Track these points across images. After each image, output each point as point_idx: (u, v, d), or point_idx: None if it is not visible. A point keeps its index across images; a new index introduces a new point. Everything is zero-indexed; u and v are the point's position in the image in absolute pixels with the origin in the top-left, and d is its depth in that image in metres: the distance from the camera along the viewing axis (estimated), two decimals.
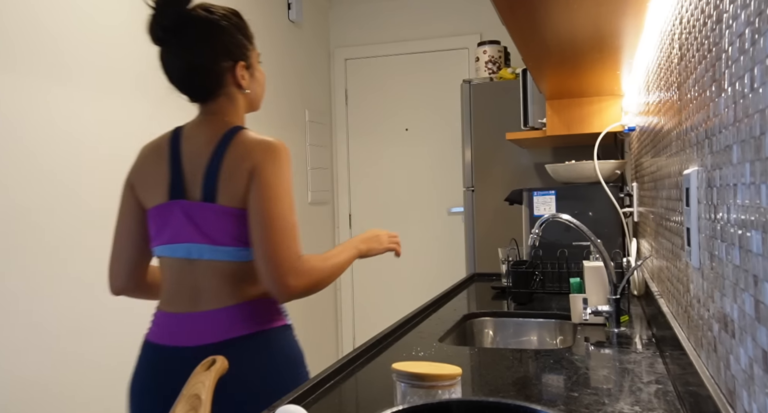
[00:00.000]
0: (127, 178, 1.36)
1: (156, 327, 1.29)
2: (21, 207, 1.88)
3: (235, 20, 1.33)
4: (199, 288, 1.26)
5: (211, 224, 1.23)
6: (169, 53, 1.32)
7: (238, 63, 1.33)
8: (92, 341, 2.13)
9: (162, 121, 2.52)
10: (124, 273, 1.36)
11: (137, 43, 2.39)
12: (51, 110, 2.00)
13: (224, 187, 1.23)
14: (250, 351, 1.23)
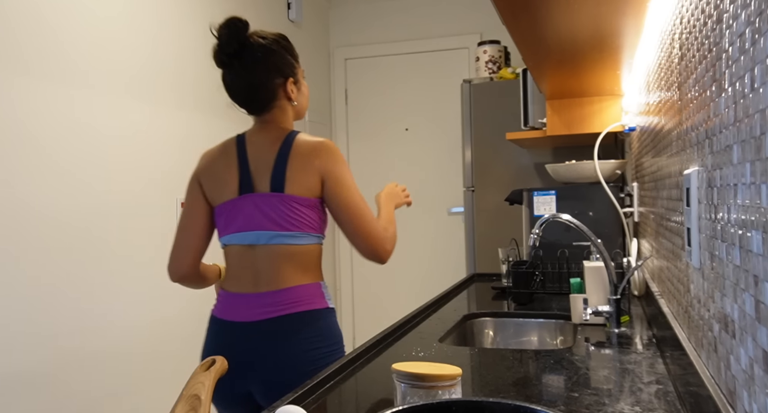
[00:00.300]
0: (193, 178, 1.59)
1: (220, 305, 1.52)
2: (29, 206, 1.88)
3: (284, 43, 1.57)
4: (258, 272, 1.49)
5: (278, 211, 1.47)
6: (231, 75, 1.53)
7: (288, 79, 1.56)
8: (92, 341, 2.13)
9: (160, 120, 2.52)
10: (186, 261, 1.56)
11: (146, 45, 2.39)
12: (61, 111, 2.00)
13: (291, 179, 1.47)
14: (297, 328, 1.45)
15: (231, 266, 1.53)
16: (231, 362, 1.45)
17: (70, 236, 2.06)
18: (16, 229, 1.87)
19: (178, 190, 2.59)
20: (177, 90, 2.62)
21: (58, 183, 2.02)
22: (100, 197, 2.19)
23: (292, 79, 1.57)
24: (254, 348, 1.44)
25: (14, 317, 1.85)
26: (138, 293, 2.35)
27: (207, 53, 2.84)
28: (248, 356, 1.45)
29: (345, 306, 4.28)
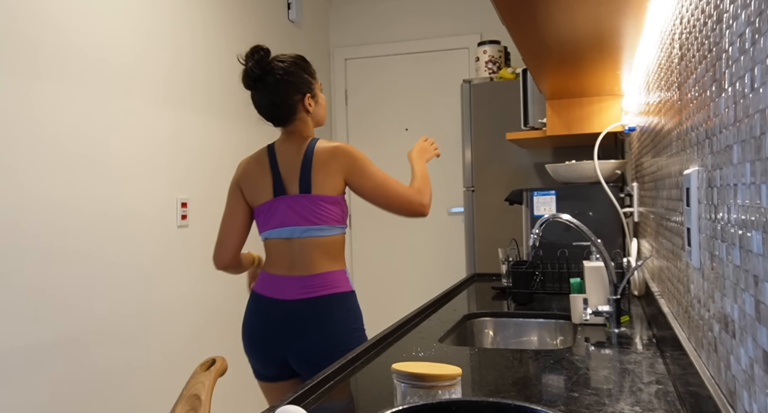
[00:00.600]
0: (234, 184, 1.86)
1: (261, 283, 1.81)
2: (28, 205, 1.89)
3: (301, 63, 1.85)
4: (293, 260, 1.78)
5: (308, 209, 1.76)
6: (257, 95, 1.81)
7: (306, 95, 1.82)
8: (92, 340, 2.13)
9: (160, 120, 2.52)
10: (229, 253, 1.86)
11: (146, 46, 2.39)
12: (61, 111, 2.00)
13: (316, 181, 1.76)
14: (329, 308, 1.73)
15: (270, 254, 1.82)
16: (268, 331, 1.75)
17: (70, 235, 2.06)
18: (16, 229, 1.87)
19: (178, 189, 2.60)
20: (178, 90, 2.62)
21: (58, 182, 2.02)
22: (100, 196, 2.18)
23: (309, 94, 1.82)
24: (291, 322, 1.73)
25: (14, 317, 1.85)
26: (138, 292, 2.35)
27: (207, 54, 2.84)
28: (285, 328, 1.74)
29: None
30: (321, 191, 1.76)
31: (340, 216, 1.81)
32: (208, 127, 2.83)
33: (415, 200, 1.79)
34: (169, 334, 2.51)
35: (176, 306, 2.56)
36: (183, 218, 2.61)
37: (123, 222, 2.29)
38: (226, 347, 2.90)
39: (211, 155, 2.85)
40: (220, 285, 2.88)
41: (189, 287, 2.65)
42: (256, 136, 3.26)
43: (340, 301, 1.74)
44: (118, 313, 2.25)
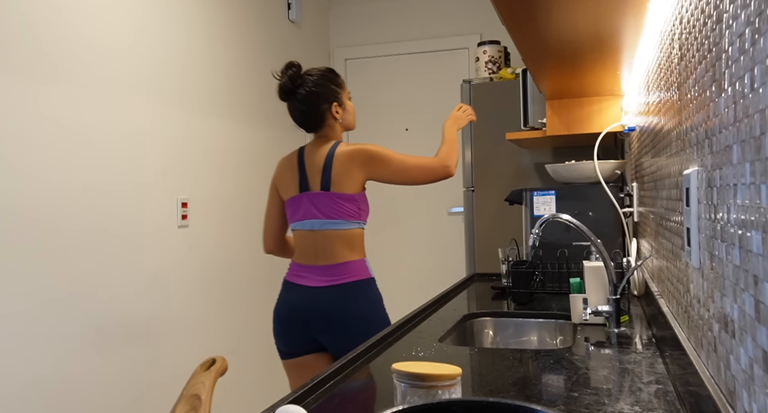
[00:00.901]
0: (272, 180, 2.13)
1: (291, 272, 2.05)
2: (28, 205, 1.89)
3: (329, 75, 2.04)
4: (317, 250, 1.99)
5: (326, 205, 1.98)
6: (290, 106, 2.04)
7: (333, 104, 2.03)
8: (92, 340, 2.13)
9: (160, 120, 2.52)
10: (272, 239, 2.16)
11: (147, 45, 2.39)
12: (61, 111, 2.00)
13: (335, 181, 1.97)
14: (352, 294, 1.95)
15: (297, 244, 2.05)
16: (295, 315, 1.98)
17: (70, 235, 2.06)
18: (15, 228, 1.87)
19: (178, 189, 2.60)
20: (178, 90, 2.62)
21: (58, 182, 2.02)
22: (100, 196, 2.19)
23: (337, 103, 2.04)
24: (316, 307, 1.94)
25: (13, 317, 1.85)
26: (138, 292, 2.35)
27: (207, 54, 2.84)
28: (311, 312, 1.95)
29: None
30: (339, 189, 1.97)
31: (356, 212, 2.00)
32: (208, 127, 2.83)
33: (436, 166, 1.99)
34: (169, 334, 2.51)
35: (176, 305, 2.56)
36: (183, 218, 2.61)
37: (123, 221, 2.29)
38: (226, 347, 2.90)
39: (212, 155, 2.85)
40: (220, 285, 2.88)
41: (189, 287, 2.65)
42: (257, 135, 3.26)
43: (359, 287, 1.97)
44: (118, 313, 2.25)
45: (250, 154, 3.19)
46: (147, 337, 2.38)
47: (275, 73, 2.06)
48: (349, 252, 1.98)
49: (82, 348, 2.08)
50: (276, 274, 3.40)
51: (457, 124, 2.17)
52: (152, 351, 2.41)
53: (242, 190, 3.10)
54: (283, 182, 2.07)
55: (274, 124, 3.45)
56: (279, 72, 2.02)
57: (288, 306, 1.99)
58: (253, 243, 3.19)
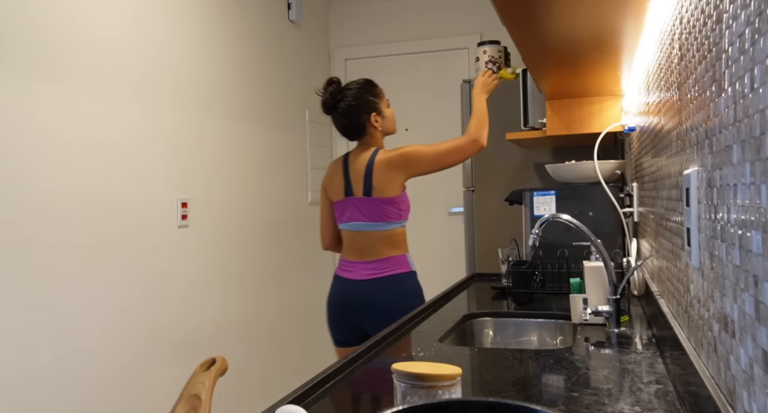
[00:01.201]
0: (323, 183, 2.35)
1: (340, 267, 2.28)
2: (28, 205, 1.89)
3: (367, 87, 2.24)
4: (363, 247, 2.23)
5: (368, 209, 2.20)
6: (334, 119, 2.26)
7: (372, 114, 2.23)
8: (92, 341, 2.13)
9: (160, 120, 2.52)
10: (328, 237, 2.39)
11: (146, 46, 2.39)
12: (47, 109, 2.00)
13: (376, 186, 2.18)
14: (393, 286, 2.18)
15: (345, 242, 2.29)
16: (343, 306, 2.23)
17: (70, 235, 2.06)
18: (15, 228, 1.87)
19: (178, 189, 2.60)
20: (178, 90, 2.62)
21: (58, 182, 2.02)
22: (100, 196, 2.19)
23: (375, 112, 2.23)
24: (364, 298, 2.18)
25: (13, 318, 1.85)
26: (137, 292, 2.35)
27: (207, 54, 2.84)
28: (360, 303, 2.19)
29: None
30: (380, 194, 2.18)
31: (395, 214, 2.21)
32: (208, 127, 2.83)
33: (466, 143, 2.17)
34: (169, 334, 2.51)
35: (176, 305, 2.56)
36: (183, 218, 2.61)
37: (123, 222, 2.29)
38: (226, 347, 2.90)
39: (212, 155, 2.85)
40: (220, 284, 2.88)
41: (189, 287, 2.65)
42: (257, 135, 3.26)
43: (402, 280, 2.19)
44: (118, 313, 2.25)
45: (250, 154, 3.19)
46: (147, 337, 2.38)
47: (318, 90, 2.25)
48: (390, 249, 2.21)
49: (82, 348, 2.08)
50: (276, 274, 3.40)
51: (485, 91, 2.29)
52: (151, 350, 2.41)
53: (242, 190, 3.10)
54: (330, 185, 2.31)
55: (274, 124, 3.45)
56: (321, 89, 2.23)
57: (337, 298, 2.24)
58: (253, 243, 3.19)
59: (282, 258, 3.48)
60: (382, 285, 2.16)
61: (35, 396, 1.91)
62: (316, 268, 3.95)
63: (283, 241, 3.50)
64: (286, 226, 3.54)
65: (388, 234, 2.20)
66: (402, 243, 2.23)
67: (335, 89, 2.22)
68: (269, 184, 3.36)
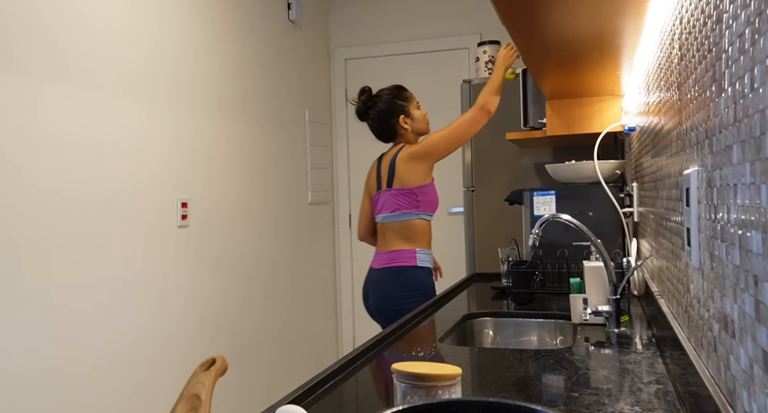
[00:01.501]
0: (366, 180, 2.69)
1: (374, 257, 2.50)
2: (28, 206, 1.89)
3: (395, 92, 2.48)
4: (382, 238, 2.45)
5: (388, 200, 2.41)
6: (368, 123, 2.50)
7: (401, 117, 2.44)
8: (92, 342, 2.13)
9: (160, 120, 2.52)
10: (361, 230, 2.63)
11: (145, 45, 2.39)
12: (47, 109, 2.00)
13: (397, 178, 2.38)
14: (392, 277, 2.37)
15: (378, 234, 2.49)
16: (364, 292, 2.48)
17: (70, 235, 2.06)
18: (15, 227, 1.87)
19: (178, 189, 2.60)
20: (178, 90, 2.62)
21: (58, 182, 2.02)
22: (100, 196, 2.19)
23: (404, 115, 2.44)
24: (374, 286, 2.41)
25: (14, 319, 1.85)
26: (138, 292, 2.35)
27: (207, 54, 2.84)
28: (371, 290, 2.42)
29: (345, 306, 4.29)
30: (400, 184, 2.36)
31: (413, 204, 2.36)
32: (208, 127, 2.83)
33: (474, 113, 2.34)
34: (170, 334, 2.51)
35: (176, 305, 2.56)
36: (183, 218, 2.61)
37: (123, 222, 2.29)
38: (226, 347, 2.90)
39: (212, 155, 2.85)
40: (220, 284, 2.88)
41: (189, 287, 2.65)
42: (257, 135, 3.26)
43: (402, 273, 2.35)
44: (118, 313, 2.25)
45: (250, 154, 3.19)
46: (146, 337, 2.38)
47: (352, 100, 2.52)
48: (401, 241, 2.38)
49: (82, 348, 2.08)
50: (276, 274, 3.40)
51: (505, 63, 2.42)
52: (151, 350, 2.41)
53: (242, 190, 3.10)
54: (368, 181, 2.56)
55: (274, 124, 3.45)
56: (355, 98, 2.51)
57: (366, 285, 2.49)
58: (253, 243, 3.19)
59: (282, 258, 3.48)
60: (387, 276, 2.36)
61: (35, 396, 1.91)
62: (316, 268, 3.95)
63: (283, 241, 3.50)
64: (287, 226, 3.54)
65: (402, 226, 2.37)
66: (415, 237, 2.37)
67: (367, 97, 2.47)
68: (269, 184, 3.36)
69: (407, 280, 2.33)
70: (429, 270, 2.40)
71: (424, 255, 2.38)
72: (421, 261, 2.36)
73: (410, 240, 2.36)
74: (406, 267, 2.34)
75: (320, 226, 4.05)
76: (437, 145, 2.34)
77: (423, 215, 2.38)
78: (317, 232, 3.99)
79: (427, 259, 2.40)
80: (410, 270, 2.34)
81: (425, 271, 2.37)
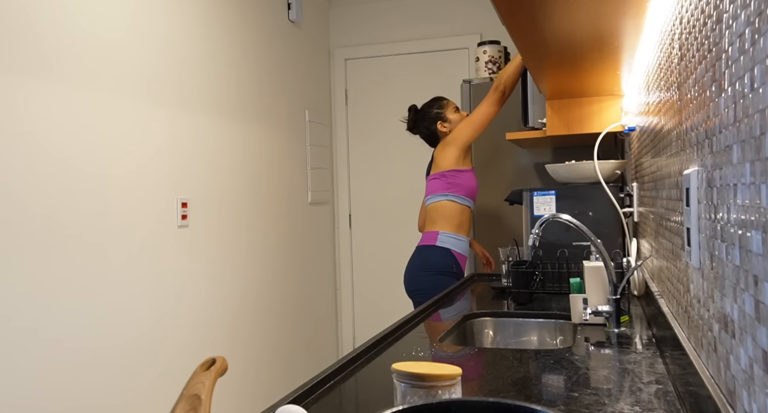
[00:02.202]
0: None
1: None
2: (29, 207, 1.89)
3: (432, 103, 2.75)
4: (425, 222, 2.69)
5: (428, 187, 2.69)
6: (419, 135, 2.80)
7: (438, 122, 2.71)
8: (92, 342, 2.13)
9: (160, 120, 2.52)
10: (420, 219, 2.95)
11: (148, 46, 2.39)
12: (47, 109, 2.00)
13: (434, 164, 2.67)
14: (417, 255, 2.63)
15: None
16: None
17: (70, 235, 2.06)
18: (15, 227, 1.87)
19: (178, 189, 2.60)
20: (178, 90, 2.62)
21: (58, 182, 2.02)
22: (100, 196, 2.19)
23: (441, 120, 2.69)
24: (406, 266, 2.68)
25: (14, 319, 1.85)
26: (138, 292, 2.35)
27: (207, 54, 2.84)
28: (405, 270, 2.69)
29: (345, 306, 4.29)
30: (436, 170, 2.64)
31: (443, 186, 2.60)
32: (208, 127, 2.83)
33: (492, 98, 2.57)
34: (169, 334, 2.51)
35: (176, 305, 2.56)
36: (183, 218, 2.61)
37: (123, 222, 2.29)
38: (226, 347, 2.90)
39: (212, 155, 2.85)
40: (220, 284, 2.88)
41: (189, 287, 2.65)
42: (257, 135, 3.26)
43: (425, 252, 2.59)
44: (118, 313, 2.25)
45: (250, 154, 3.19)
46: (147, 337, 2.38)
47: (402, 119, 2.91)
48: (430, 223, 2.63)
49: (81, 348, 2.08)
50: (276, 274, 3.40)
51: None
52: (151, 350, 2.41)
53: (242, 190, 3.10)
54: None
55: (274, 124, 3.45)
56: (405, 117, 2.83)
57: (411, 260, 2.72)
58: (254, 243, 3.19)
59: (282, 257, 3.48)
60: (412, 257, 2.65)
61: (34, 396, 1.91)
62: (316, 268, 3.95)
63: (284, 241, 3.50)
64: (287, 226, 3.54)
65: (433, 208, 2.62)
66: (443, 219, 2.59)
67: (413, 113, 2.77)
68: (269, 184, 3.36)
69: (425, 259, 2.57)
70: (449, 252, 2.56)
71: (447, 237, 2.57)
72: (442, 242, 2.56)
73: (437, 223, 2.59)
74: (426, 246, 2.58)
75: (320, 226, 4.05)
76: (461, 129, 2.58)
77: (452, 197, 2.57)
78: (317, 232, 3.99)
79: (452, 243, 2.57)
80: (429, 249, 2.57)
81: (445, 252, 2.55)
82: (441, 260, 2.55)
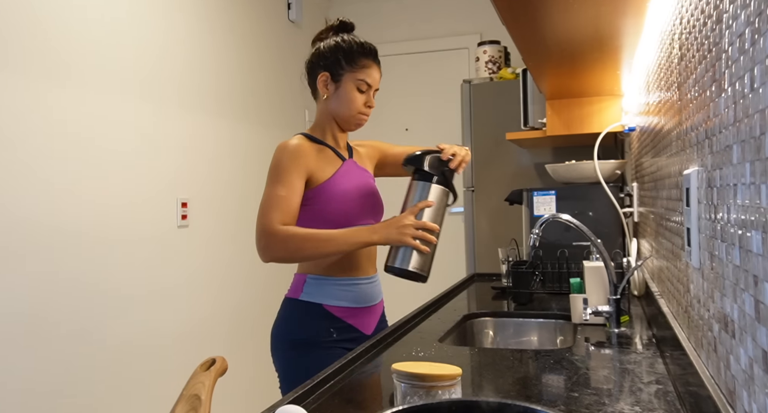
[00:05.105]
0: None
1: None
2: (29, 207, 1.89)
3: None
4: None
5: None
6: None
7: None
8: (92, 342, 2.13)
9: (160, 120, 2.52)
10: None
11: (151, 46, 2.39)
12: (48, 109, 2.00)
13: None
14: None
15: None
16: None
17: (70, 235, 2.06)
18: (16, 227, 1.87)
19: (178, 189, 2.59)
20: (178, 90, 2.62)
21: (58, 182, 2.02)
22: (100, 196, 2.18)
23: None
24: None
25: (15, 320, 1.85)
26: (138, 292, 2.35)
27: (207, 53, 2.84)
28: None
29: None
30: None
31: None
32: (208, 127, 2.83)
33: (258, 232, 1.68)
34: (169, 334, 2.51)
35: (176, 306, 2.56)
36: (183, 218, 2.61)
37: (123, 222, 2.29)
38: (226, 347, 2.90)
39: (212, 155, 2.85)
40: (219, 284, 2.88)
41: (189, 286, 2.65)
42: (257, 135, 3.26)
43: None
44: (118, 313, 2.25)
45: (250, 154, 3.19)
46: (146, 337, 2.38)
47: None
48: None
49: (81, 347, 2.08)
50: (276, 274, 3.40)
51: (385, 236, 1.88)
52: (151, 350, 2.41)
53: (242, 190, 3.10)
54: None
55: (274, 124, 3.45)
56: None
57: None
58: (253, 243, 3.19)
59: None
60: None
61: (34, 396, 1.90)
62: None
63: None
64: None
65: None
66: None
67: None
68: None
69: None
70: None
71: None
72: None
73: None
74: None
75: None
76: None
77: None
78: None
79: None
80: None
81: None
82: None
